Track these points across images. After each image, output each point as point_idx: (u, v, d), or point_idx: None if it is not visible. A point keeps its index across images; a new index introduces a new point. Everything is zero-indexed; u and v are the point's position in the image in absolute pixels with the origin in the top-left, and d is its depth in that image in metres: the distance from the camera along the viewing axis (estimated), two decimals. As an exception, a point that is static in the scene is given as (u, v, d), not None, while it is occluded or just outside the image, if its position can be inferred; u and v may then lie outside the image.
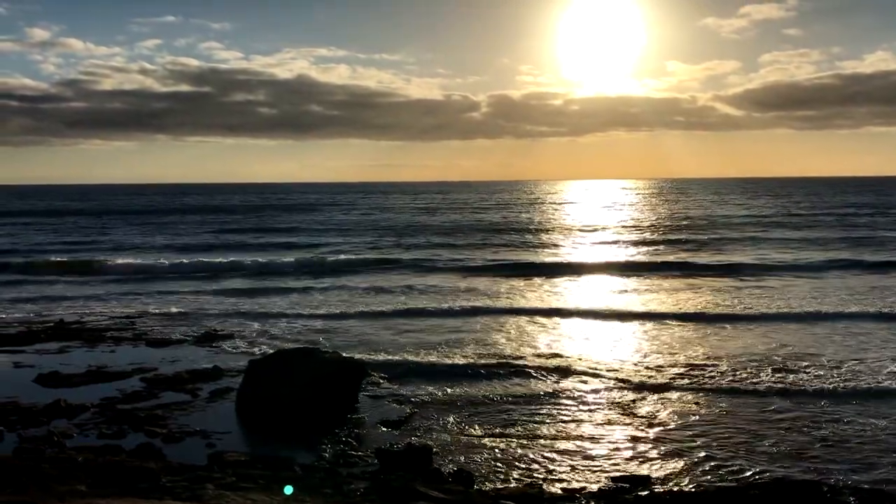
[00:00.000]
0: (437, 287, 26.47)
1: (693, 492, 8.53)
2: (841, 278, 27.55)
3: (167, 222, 64.87)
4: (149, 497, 6.52)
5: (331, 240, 46.96)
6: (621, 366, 15.04)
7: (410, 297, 24.42)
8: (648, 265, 32.92)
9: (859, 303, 21.83)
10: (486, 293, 24.94)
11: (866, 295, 23.35)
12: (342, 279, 28.98)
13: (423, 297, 24.19)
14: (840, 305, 21.44)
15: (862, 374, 13.95)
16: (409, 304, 22.77)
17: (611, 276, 29.48)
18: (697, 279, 27.90)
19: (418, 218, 68.85)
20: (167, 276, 30.82)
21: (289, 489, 7.24)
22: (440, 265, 33.44)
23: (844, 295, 23.43)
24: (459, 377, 14.25)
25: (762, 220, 48.09)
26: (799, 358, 15.24)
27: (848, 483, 8.81)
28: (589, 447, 10.53)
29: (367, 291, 25.59)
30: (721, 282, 27.02)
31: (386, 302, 23.31)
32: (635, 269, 31.42)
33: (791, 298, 22.87)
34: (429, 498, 7.38)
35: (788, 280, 27.27)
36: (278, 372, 12.25)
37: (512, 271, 30.95)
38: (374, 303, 23.18)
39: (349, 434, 11.20)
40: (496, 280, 28.36)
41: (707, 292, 24.59)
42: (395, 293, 25.18)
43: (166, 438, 10.95)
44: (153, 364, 15.42)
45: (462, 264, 33.70)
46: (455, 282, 28.02)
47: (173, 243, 45.71)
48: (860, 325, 18.57)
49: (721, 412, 11.98)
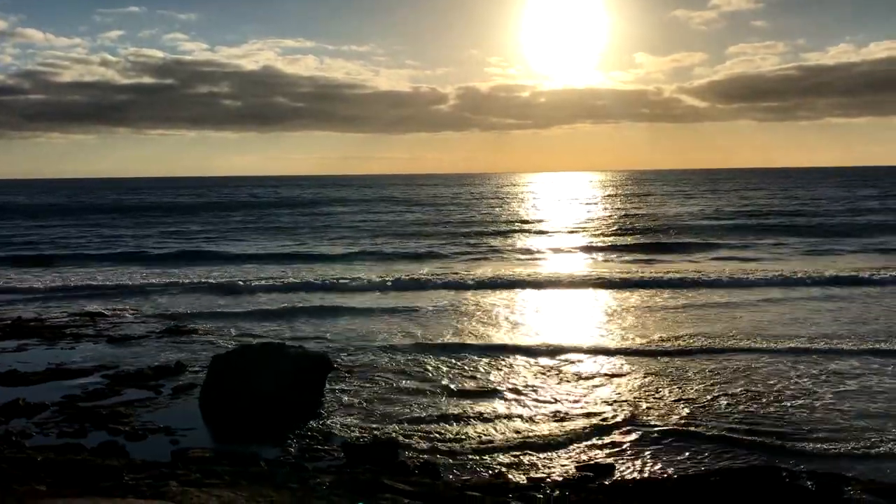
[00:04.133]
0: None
1: (655, 479, 8.65)
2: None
3: (127, 223, 63.78)
4: (111, 496, 6.44)
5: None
6: (581, 356, 15.14)
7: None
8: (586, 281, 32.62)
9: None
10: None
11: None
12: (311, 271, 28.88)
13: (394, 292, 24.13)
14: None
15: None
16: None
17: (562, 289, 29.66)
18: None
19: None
20: (127, 272, 30.33)
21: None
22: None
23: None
24: (424, 371, 14.25)
25: (724, 222, 48.42)
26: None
27: (806, 469, 8.99)
28: (554, 436, 10.60)
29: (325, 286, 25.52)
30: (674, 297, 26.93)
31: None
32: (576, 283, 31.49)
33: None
34: (395, 490, 7.39)
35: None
36: (243, 367, 12.15)
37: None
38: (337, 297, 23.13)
39: (315, 428, 11.16)
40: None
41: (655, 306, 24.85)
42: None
43: (129, 436, 10.81)
44: (115, 361, 15.20)
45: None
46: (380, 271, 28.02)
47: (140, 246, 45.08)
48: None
49: (683, 401, 12.15)
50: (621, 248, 35.74)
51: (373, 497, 7.08)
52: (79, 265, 32.38)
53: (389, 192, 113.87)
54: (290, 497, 6.93)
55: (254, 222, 57.31)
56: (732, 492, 7.69)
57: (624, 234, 43.59)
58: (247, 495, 6.82)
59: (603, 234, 43.69)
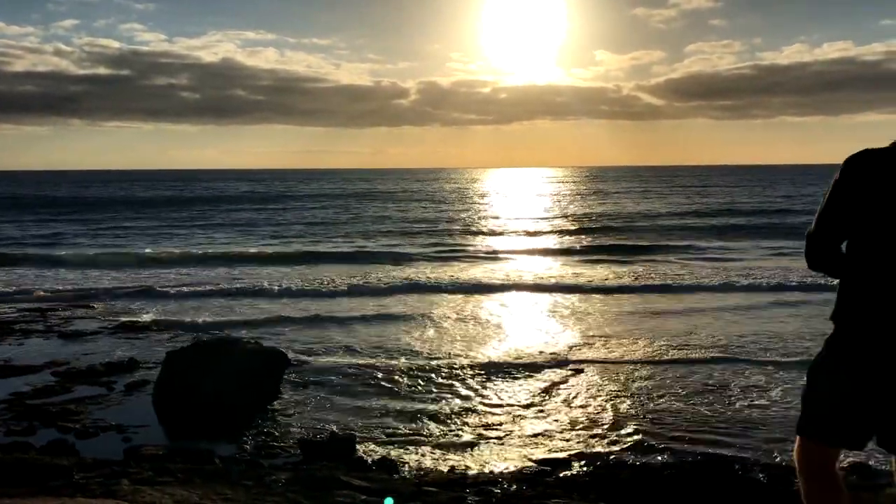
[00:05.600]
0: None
1: (611, 473, 8.73)
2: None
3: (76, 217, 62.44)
4: (60, 495, 6.29)
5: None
6: (539, 359, 15.25)
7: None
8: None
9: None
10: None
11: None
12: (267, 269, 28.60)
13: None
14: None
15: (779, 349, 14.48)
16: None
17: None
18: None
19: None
20: (81, 267, 29.72)
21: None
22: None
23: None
24: (383, 370, 14.23)
25: (687, 221, 49.05)
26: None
27: (760, 461, 9.17)
28: (511, 433, 10.66)
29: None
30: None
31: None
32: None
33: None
34: (352, 486, 7.35)
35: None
36: (197, 363, 11.96)
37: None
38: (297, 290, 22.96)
39: (271, 425, 11.06)
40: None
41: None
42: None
43: (80, 434, 10.59)
44: (66, 357, 14.87)
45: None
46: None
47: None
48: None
49: (639, 392, 12.30)
50: (581, 251, 35.36)
51: (329, 493, 7.03)
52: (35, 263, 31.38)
53: (351, 188, 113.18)
54: (244, 494, 6.85)
55: (202, 217, 55.61)
56: (686, 484, 7.80)
57: (583, 233, 43.63)
58: (200, 493, 6.72)
59: (565, 234, 43.78)
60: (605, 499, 7.81)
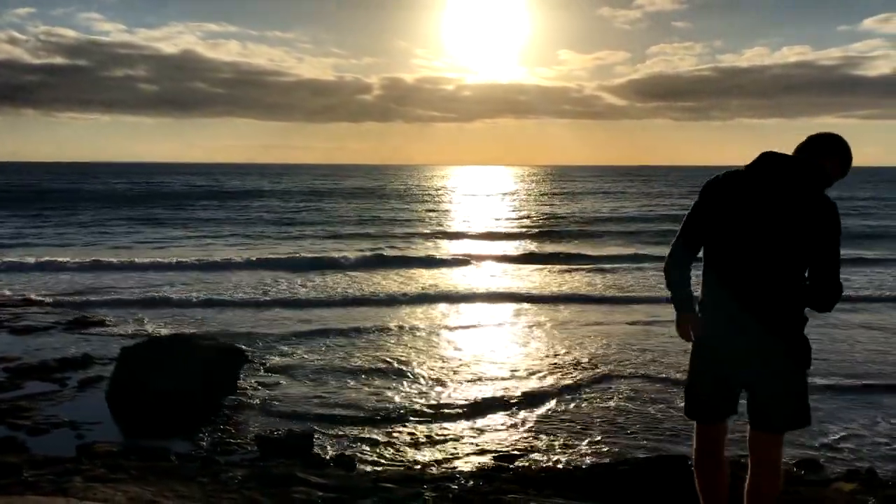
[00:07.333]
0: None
1: (567, 469, 8.84)
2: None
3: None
4: (9, 493, 6.18)
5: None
6: (496, 365, 15.36)
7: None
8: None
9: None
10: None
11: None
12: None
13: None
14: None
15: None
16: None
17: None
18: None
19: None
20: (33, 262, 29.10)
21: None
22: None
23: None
24: (341, 368, 14.22)
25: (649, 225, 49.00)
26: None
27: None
28: (469, 430, 10.73)
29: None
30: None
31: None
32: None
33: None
34: (309, 483, 7.33)
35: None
36: (153, 360, 11.80)
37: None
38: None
39: (228, 422, 10.97)
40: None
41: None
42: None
43: (31, 431, 10.39)
44: (17, 353, 14.57)
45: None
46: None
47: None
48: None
49: (597, 391, 12.45)
50: (542, 257, 33.97)
51: (286, 490, 7.00)
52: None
53: (308, 184, 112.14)
54: (199, 491, 6.79)
55: (145, 215, 53.32)
56: (640, 479, 7.91)
57: (544, 237, 42.74)
58: (154, 490, 6.65)
59: (523, 237, 42.94)
60: (561, 494, 7.89)
